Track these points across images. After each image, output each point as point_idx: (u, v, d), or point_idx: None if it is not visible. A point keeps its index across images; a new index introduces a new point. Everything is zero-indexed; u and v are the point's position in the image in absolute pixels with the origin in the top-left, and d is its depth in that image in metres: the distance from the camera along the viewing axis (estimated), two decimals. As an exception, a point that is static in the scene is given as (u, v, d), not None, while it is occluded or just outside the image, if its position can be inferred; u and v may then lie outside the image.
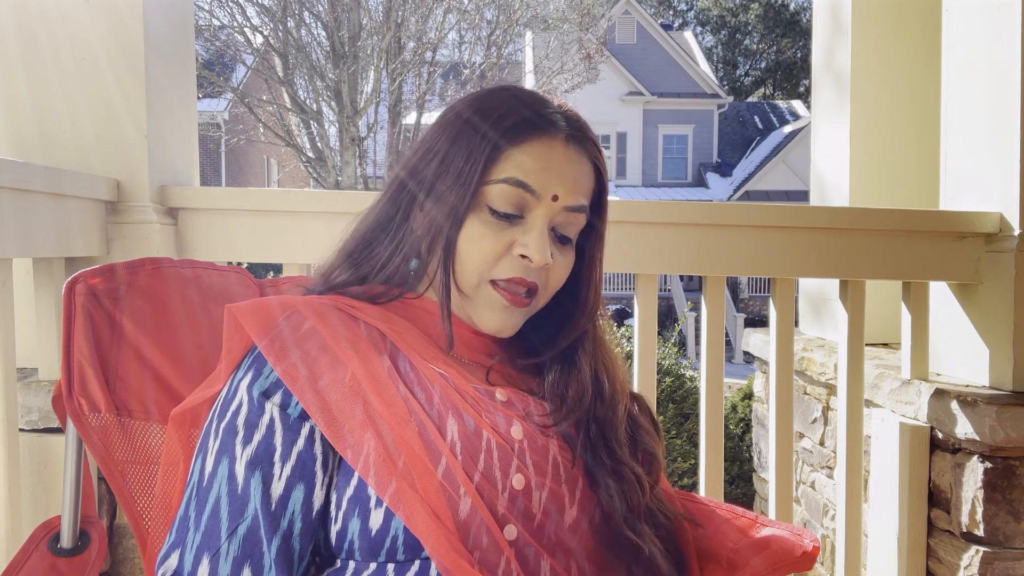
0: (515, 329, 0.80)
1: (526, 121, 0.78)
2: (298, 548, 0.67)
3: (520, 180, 0.76)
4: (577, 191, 0.79)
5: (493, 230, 0.77)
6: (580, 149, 0.80)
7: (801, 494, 2.57)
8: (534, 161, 0.77)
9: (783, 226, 1.68)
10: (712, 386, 1.67)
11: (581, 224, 0.82)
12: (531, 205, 0.77)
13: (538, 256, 0.76)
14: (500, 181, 0.76)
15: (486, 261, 0.77)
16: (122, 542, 1.45)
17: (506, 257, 0.77)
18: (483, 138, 0.77)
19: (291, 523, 0.67)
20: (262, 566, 0.65)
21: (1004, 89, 1.67)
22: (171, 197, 1.54)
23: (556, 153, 0.78)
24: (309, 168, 11.56)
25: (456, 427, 0.71)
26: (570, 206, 0.79)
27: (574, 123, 0.81)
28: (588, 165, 0.81)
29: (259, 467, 0.68)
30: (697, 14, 31.86)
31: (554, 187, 0.77)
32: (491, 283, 0.77)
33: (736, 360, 12.15)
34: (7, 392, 1.18)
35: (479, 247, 0.76)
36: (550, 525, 0.72)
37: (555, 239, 0.80)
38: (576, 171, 0.79)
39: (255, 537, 0.66)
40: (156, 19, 1.52)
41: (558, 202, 0.78)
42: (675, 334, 4.95)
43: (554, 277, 0.80)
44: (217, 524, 0.67)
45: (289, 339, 0.72)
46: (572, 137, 0.79)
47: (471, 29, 11.94)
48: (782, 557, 0.81)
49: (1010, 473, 1.56)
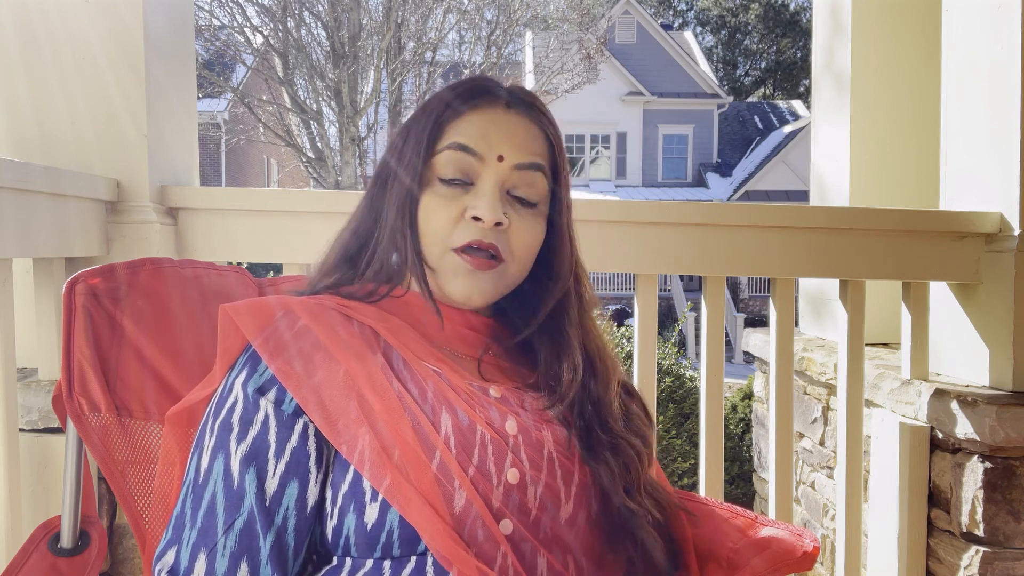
0: (484, 296, 0.80)
1: (466, 93, 0.82)
2: (292, 544, 0.68)
3: (461, 144, 0.79)
4: (523, 149, 0.81)
5: (446, 199, 0.79)
6: (523, 113, 0.82)
7: (801, 494, 2.57)
8: (475, 127, 0.80)
9: (783, 226, 1.68)
10: (712, 386, 1.67)
11: (540, 186, 0.82)
12: (478, 169, 0.79)
13: (487, 214, 0.77)
14: (444, 149, 0.79)
15: (443, 229, 0.78)
16: (122, 542, 1.45)
17: (461, 222, 0.78)
18: (427, 118, 0.81)
19: (285, 519, 0.68)
20: (259, 561, 0.65)
21: (1004, 89, 1.67)
22: (171, 197, 1.54)
23: (497, 117, 0.81)
24: (309, 168, 11.56)
25: (450, 421, 0.72)
26: (519, 164, 0.80)
27: (517, 93, 0.84)
28: (535, 128, 0.83)
29: (253, 463, 0.68)
30: (697, 14, 31.86)
31: (497, 147, 0.79)
32: (454, 252, 0.78)
33: (736, 360, 12.15)
34: (7, 392, 1.18)
35: (435, 217, 0.79)
36: (546, 520, 0.72)
37: (513, 201, 0.81)
38: (520, 133, 0.81)
39: (252, 532, 0.66)
40: (156, 19, 1.52)
41: (504, 162, 0.79)
42: (675, 334, 4.95)
43: (517, 241, 0.80)
44: (213, 520, 0.67)
45: (283, 337, 0.73)
46: (514, 103, 0.82)
47: (471, 29, 11.95)
48: (782, 557, 0.81)
49: (1010, 473, 1.56)
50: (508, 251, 0.80)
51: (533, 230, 0.82)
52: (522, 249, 0.81)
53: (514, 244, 0.80)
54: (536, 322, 0.84)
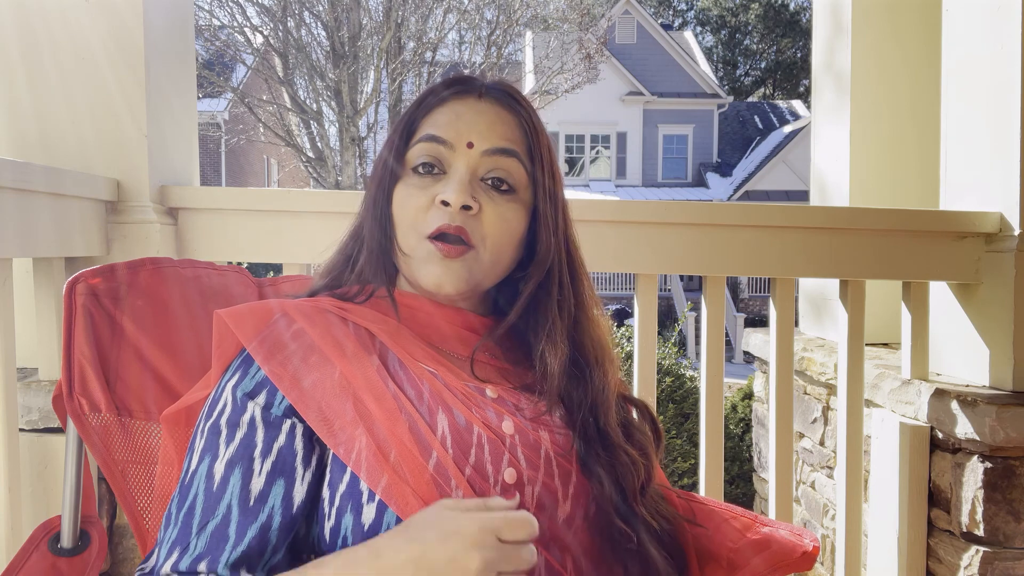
0: (455, 284, 0.78)
1: (440, 86, 0.84)
2: (274, 541, 0.68)
3: (432, 134, 0.80)
4: (493, 135, 0.81)
5: (418, 188, 0.80)
6: (496, 101, 0.83)
7: (801, 494, 2.57)
8: (446, 116, 0.81)
9: (783, 226, 1.68)
10: (712, 386, 1.67)
11: (516, 172, 0.81)
12: (449, 158, 0.80)
13: (454, 197, 0.77)
14: (417, 142, 0.81)
15: (414, 215, 0.79)
16: (122, 542, 1.45)
17: (432, 208, 0.79)
18: (405, 116, 0.84)
19: (270, 517, 0.68)
20: (217, 562, 0.66)
21: (1004, 89, 1.67)
22: (171, 197, 1.54)
23: (468, 106, 0.82)
24: (309, 168, 11.56)
25: (446, 422, 0.72)
26: (489, 149, 0.80)
27: (492, 84, 0.84)
28: (507, 114, 0.83)
29: (239, 464, 0.69)
30: (697, 14, 31.86)
31: (467, 135, 0.80)
32: (427, 240, 0.78)
33: (736, 360, 12.15)
34: (7, 392, 1.18)
35: (407, 205, 0.80)
36: (543, 519, 0.72)
37: (488, 188, 0.80)
38: (491, 119, 0.82)
39: (222, 535, 0.67)
40: (156, 19, 1.52)
41: (474, 148, 0.80)
42: (675, 334, 4.95)
43: (490, 228, 0.79)
44: (190, 520, 0.68)
45: (277, 340, 0.73)
46: (487, 93, 0.83)
47: (471, 29, 11.94)
48: (782, 557, 0.81)
49: (1010, 473, 1.56)
50: (479, 236, 0.79)
51: (507, 216, 0.80)
52: (495, 235, 0.79)
53: (486, 229, 0.79)
54: (519, 306, 0.83)
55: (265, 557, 0.68)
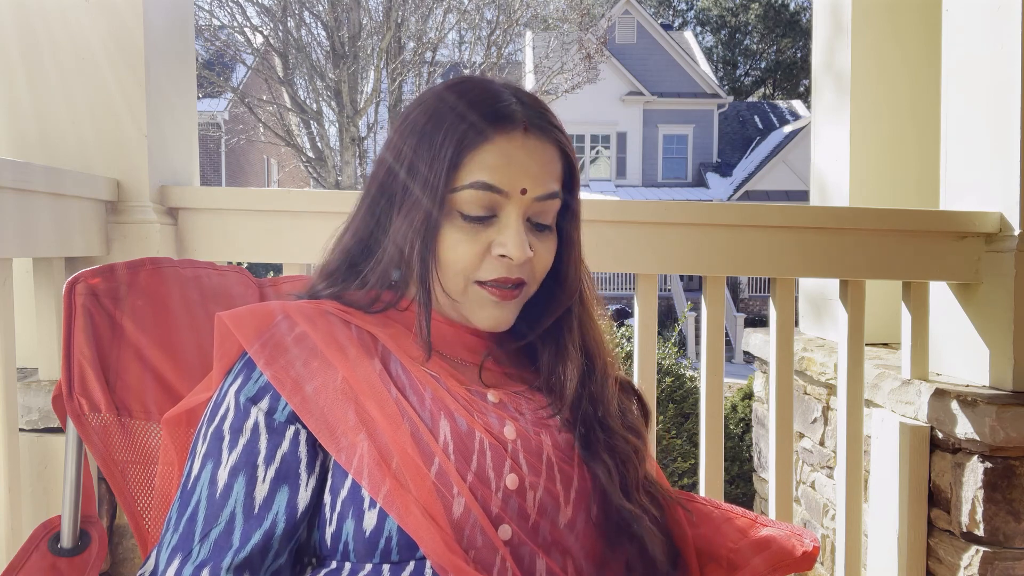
0: (510, 322, 0.80)
1: (487, 116, 0.76)
2: (276, 547, 0.68)
3: (485, 183, 0.75)
4: (545, 179, 0.78)
5: (468, 234, 0.76)
6: (541, 135, 0.78)
7: (801, 494, 2.57)
8: (496, 159, 0.75)
9: (783, 226, 1.68)
10: (712, 386, 1.67)
11: (556, 208, 0.81)
12: (501, 204, 0.76)
13: (517, 252, 0.75)
14: (467, 187, 0.75)
15: (468, 266, 0.76)
16: (122, 542, 1.45)
17: (487, 258, 0.76)
18: (443, 145, 0.75)
19: (274, 524, 0.68)
20: (219, 568, 0.66)
21: (1004, 89, 1.67)
22: (171, 197, 1.54)
23: (516, 146, 0.76)
24: (309, 168, 11.56)
25: (448, 428, 0.72)
26: (541, 195, 0.77)
27: (531, 110, 0.78)
28: (552, 149, 0.79)
29: (243, 471, 0.69)
30: (697, 14, 31.85)
31: (520, 181, 0.76)
32: (477, 283, 0.77)
33: (736, 360, 12.15)
34: (7, 392, 1.18)
35: (458, 254, 0.76)
36: (545, 524, 0.72)
37: (532, 228, 0.79)
38: (540, 159, 0.78)
39: (225, 542, 0.66)
40: (156, 19, 1.52)
41: (527, 195, 0.76)
42: (675, 334, 4.94)
43: (539, 265, 0.80)
44: (193, 527, 0.68)
45: (279, 344, 0.73)
46: (531, 126, 0.77)
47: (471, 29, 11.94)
48: (782, 557, 0.81)
49: (1010, 473, 1.56)
50: (530, 274, 0.80)
51: (550, 249, 0.81)
52: (543, 270, 0.81)
53: (537, 268, 0.80)
54: (542, 327, 0.83)
55: (267, 562, 0.68)
